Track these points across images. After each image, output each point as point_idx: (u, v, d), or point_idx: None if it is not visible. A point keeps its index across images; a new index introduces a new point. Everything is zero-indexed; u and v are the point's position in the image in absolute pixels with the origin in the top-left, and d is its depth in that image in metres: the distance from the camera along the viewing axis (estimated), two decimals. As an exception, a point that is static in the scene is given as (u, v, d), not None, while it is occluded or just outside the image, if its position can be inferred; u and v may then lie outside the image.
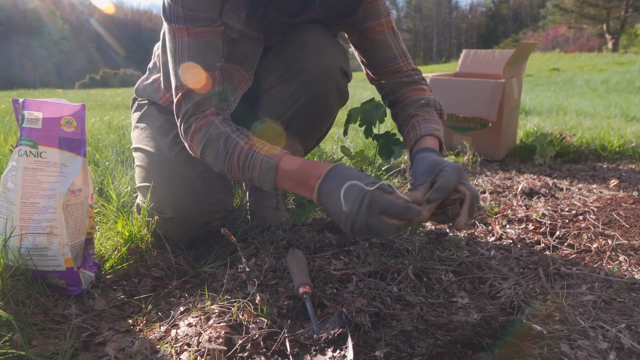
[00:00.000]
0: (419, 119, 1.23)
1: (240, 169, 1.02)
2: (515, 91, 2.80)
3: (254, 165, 1.00)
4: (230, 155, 1.03)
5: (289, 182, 0.98)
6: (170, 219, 1.26)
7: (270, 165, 0.98)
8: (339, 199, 0.85)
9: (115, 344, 0.90)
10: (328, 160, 2.13)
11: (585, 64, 20.10)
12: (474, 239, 1.40)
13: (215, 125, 1.06)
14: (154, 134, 1.38)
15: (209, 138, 1.05)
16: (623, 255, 1.19)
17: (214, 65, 1.11)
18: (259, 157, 1.00)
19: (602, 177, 2.35)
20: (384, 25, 1.28)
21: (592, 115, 5.38)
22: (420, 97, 1.28)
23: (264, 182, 1.00)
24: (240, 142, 1.02)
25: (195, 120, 1.08)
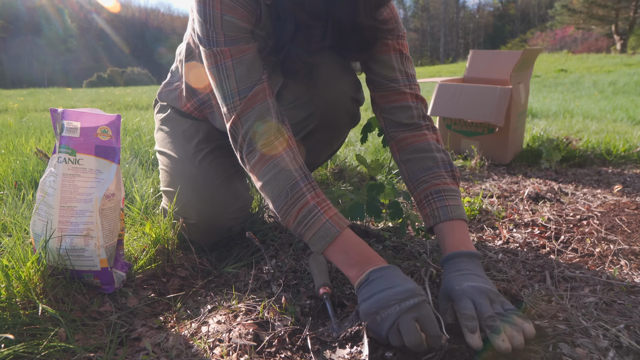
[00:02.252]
0: (432, 189, 1.17)
1: (296, 221, 1.01)
2: (522, 97, 2.86)
3: (313, 225, 0.99)
4: (292, 204, 1.01)
5: (341, 255, 0.98)
6: (195, 224, 1.33)
7: (330, 233, 0.98)
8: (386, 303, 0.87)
9: (150, 339, 0.97)
10: (341, 165, 2.20)
11: (593, 65, 20.04)
12: (482, 242, 1.46)
13: (286, 164, 1.03)
14: (178, 139, 1.45)
15: (276, 176, 1.03)
16: (624, 260, 1.25)
17: (261, 78, 1.09)
18: (322, 220, 0.99)
19: (607, 181, 2.41)
20: (390, 47, 1.24)
21: (598, 119, 5.42)
22: (423, 147, 1.22)
23: (314, 245, 1.00)
24: (307, 196, 1.01)
25: (262, 146, 1.04)
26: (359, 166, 2.23)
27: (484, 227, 1.60)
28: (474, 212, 1.68)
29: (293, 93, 1.31)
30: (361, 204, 1.35)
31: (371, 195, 1.38)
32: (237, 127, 1.08)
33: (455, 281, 0.97)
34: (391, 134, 1.28)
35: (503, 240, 1.46)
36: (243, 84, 1.07)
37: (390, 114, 1.26)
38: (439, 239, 1.13)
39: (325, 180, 2.08)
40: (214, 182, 1.34)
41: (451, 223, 1.11)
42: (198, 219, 1.32)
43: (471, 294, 0.92)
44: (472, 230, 1.58)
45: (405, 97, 1.24)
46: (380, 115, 1.30)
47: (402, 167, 1.26)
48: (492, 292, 0.94)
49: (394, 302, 0.86)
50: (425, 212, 1.17)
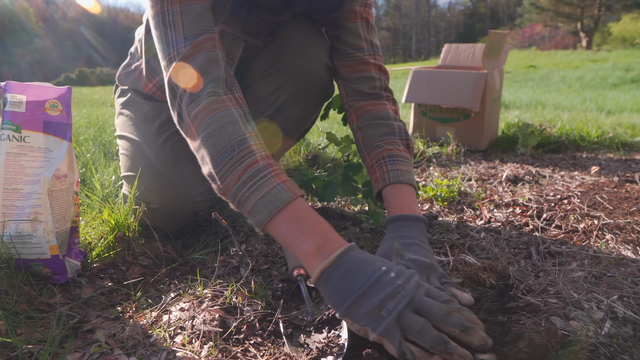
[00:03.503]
0: (384, 153, 1.11)
1: (238, 183, 0.81)
2: (497, 82, 2.83)
3: (261, 187, 0.79)
4: (237, 161, 0.82)
5: (292, 227, 0.77)
6: (157, 209, 1.23)
7: (281, 198, 0.78)
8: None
9: (105, 330, 0.88)
10: (315, 150, 2.12)
11: (561, 61, 20.50)
12: (463, 222, 1.40)
13: (234, 119, 0.86)
14: (139, 122, 1.35)
15: (221, 129, 0.84)
16: (609, 234, 1.21)
17: (212, 29, 0.95)
18: (272, 183, 0.79)
19: (583, 165, 2.39)
20: (357, 14, 1.20)
21: (569, 109, 5.48)
22: (381, 114, 1.18)
23: (258, 212, 0.78)
24: (256, 154, 0.82)
25: (208, 96, 0.88)
26: (333, 153, 2.16)
27: (464, 208, 1.54)
28: (453, 194, 1.62)
29: (261, 63, 1.24)
30: (335, 183, 1.28)
31: (347, 175, 1.30)
32: (175, 81, 0.91)
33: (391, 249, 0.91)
34: (350, 102, 1.23)
35: (484, 220, 1.41)
36: (190, 30, 0.92)
37: (353, 83, 1.22)
38: (386, 202, 1.05)
39: (298, 166, 2.00)
40: (178, 163, 1.25)
41: (400, 186, 1.05)
42: (161, 202, 1.22)
43: None
44: (452, 212, 1.52)
45: (369, 67, 1.21)
46: (341, 83, 1.24)
47: (358, 134, 1.20)
48: (432, 266, 0.87)
49: (399, 286, 0.70)
50: (375, 177, 1.11)
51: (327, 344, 0.78)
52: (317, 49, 1.22)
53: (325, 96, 1.33)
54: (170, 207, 1.23)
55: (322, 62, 1.23)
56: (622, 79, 15.23)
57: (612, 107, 5.66)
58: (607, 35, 32.36)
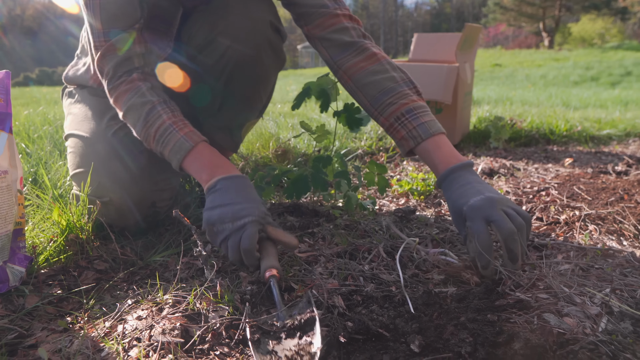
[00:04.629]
0: (401, 110, 1.07)
1: (154, 141, 1.02)
2: (468, 76, 2.81)
3: (168, 141, 1.01)
4: (150, 125, 1.02)
5: (194, 167, 1.00)
6: (110, 202, 1.12)
7: (183, 147, 1.00)
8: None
9: (49, 345, 0.77)
10: (284, 146, 2.03)
11: (525, 59, 20.99)
12: (441, 216, 1.35)
13: (142, 93, 1.04)
14: (88, 118, 1.26)
15: (134, 104, 1.04)
16: (592, 225, 1.17)
17: (132, 24, 1.06)
18: (176, 136, 1.00)
19: (555, 157, 2.39)
20: None
21: (536, 105, 5.55)
22: (376, 69, 1.12)
23: (172, 160, 1.01)
24: (163, 116, 1.02)
25: (122, 83, 1.05)
26: (304, 147, 2.08)
27: (440, 201, 1.49)
28: (429, 188, 1.57)
29: (206, 26, 1.16)
30: (305, 176, 1.20)
31: (317, 168, 1.23)
32: (102, 66, 1.08)
33: (461, 199, 0.92)
34: (338, 63, 1.16)
35: (463, 214, 1.35)
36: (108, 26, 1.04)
37: (330, 40, 1.16)
38: (426, 159, 1.05)
39: (267, 162, 1.91)
40: (129, 153, 1.16)
41: (434, 139, 1.04)
42: (114, 194, 1.12)
43: (483, 211, 0.87)
44: (429, 206, 1.46)
45: (339, 19, 1.16)
46: (320, 45, 1.18)
47: (360, 95, 1.15)
48: (501, 199, 0.90)
49: (229, 220, 0.89)
50: (400, 135, 1.07)
51: (297, 352, 0.70)
52: (260, 7, 1.16)
53: (277, 63, 1.25)
54: (123, 198, 1.13)
55: (267, 20, 1.15)
56: (582, 77, 15.70)
57: (577, 103, 5.77)
58: (568, 35, 33.34)
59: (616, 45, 24.76)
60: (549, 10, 28.23)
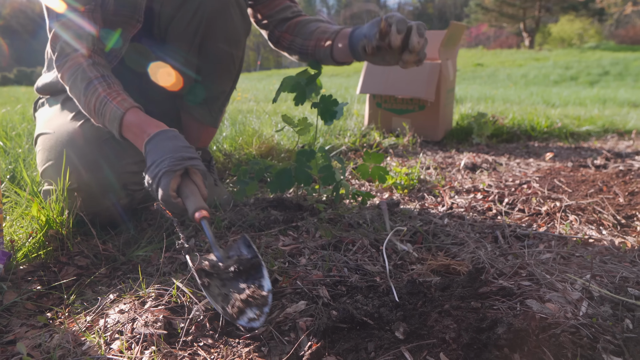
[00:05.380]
0: (323, 28, 1.28)
1: (95, 113, 1.07)
2: (450, 73, 2.83)
3: (105, 112, 1.05)
4: (89, 100, 1.07)
5: (130, 134, 1.04)
6: (78, 188, 1.10)
7: (116, 115, 1.04)
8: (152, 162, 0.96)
9: (29, 340, 0.76)
10: (268, 142, 2.02)
11: (506, 59, 21.25)
12: (425, 209, 1.35)
13: (82, 70, 1.09)
14: (54, 117, 1.27)
15: (74, 80, 1.09)
16: (573, 215, 1.19)
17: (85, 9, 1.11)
18: (110, 106, 1.05)
19: (537, 152, 2.42)
20: None
21: (517, 103, 5.63)
22: (311, 19, 1.33)
23: (112, 130, 1.06)
24: (99, 89, 1.07)
25: (67, 61, 1.10)
26: (287, 144, 2.07)
27: (424, 195, 1.50)
28: (412, 182, 1.58)
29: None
30: (288, 169, 1.20)
31: (300, 162, 1.22)
32: (53, 45, 1.13)
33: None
34: (280, 30, 1.35)
35: (447, 207, 1.36)
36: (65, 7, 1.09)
37: (275, 17, 1.35)
38: (336, 50, 1.21)
39: (251, 159, 1.90)
40: (99, 137, 1.15)
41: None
42: (81, 178, 1.10)
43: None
44: (412, 199, 1.47)
45: (284, 0, 1.36)
46: (267, 24, 1.37)
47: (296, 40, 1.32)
48: None
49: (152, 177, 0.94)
50: (324, 36, 1.25)
51: (251, 295, 0.79)
52: None
53: (244, 24, 1.31)
54: (93, 182, 1.11)
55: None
56: (562, 77, 15.97)
57: (557, 101, 5.87)
58: (548, 35, 33.87)
59: (594, 46, 25.22)
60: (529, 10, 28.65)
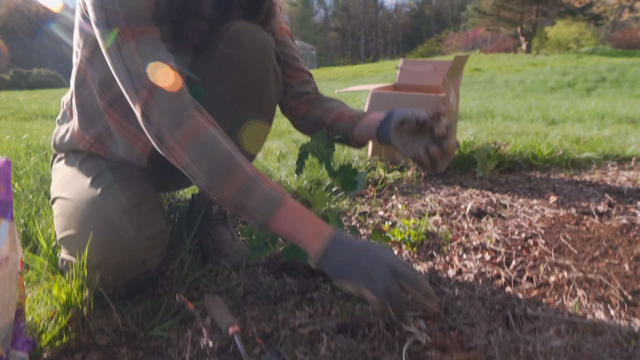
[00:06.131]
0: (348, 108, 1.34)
1: (236, 192, 0.97)
2: (454, 104, 2.86)
3: (256, 193, 0.97)
4: (230, 174, 0.97)
5: (291, 219, 0.96)
6: (98, 265, 1.12)
7: (275, 198, 0.97)
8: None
9: None
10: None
11: (504, 64, 21.33)
12: (435, 274, 1.38)
13: (217, 139, 1.00)
14: (74, 179, 1.27)
15: (209, 149, 0.98)
16: (581, 290, 1.22)
17: (171, 58, 1.06)
18: (264, 188, 0.97)
19: (539, 189, 2.45)
20: (284, 30, 1.39)
21: (517, 119, 5.68)
22: (333, 98, 1.39)
23: (258, 214, 0.97)
24: (244, 166, 0.99)
25: (184, 125, 0.99)
26: (293, 184, 2.10)
27: (433, 253, 1.52)
28: (421, 237, 1.60)
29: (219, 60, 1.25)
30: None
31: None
32: (150, 105, 1.00)
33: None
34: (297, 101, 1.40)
35: (456, 270, 1.39)
36: (150, 60, 1.02)
37: (296, 88, 1.39)
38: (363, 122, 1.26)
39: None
40: (118, 207, 1.16)
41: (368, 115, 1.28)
42: (101, 255, 1.11)
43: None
44: (421, 258, 1.50)
45: (305, 74, 1.42)
46: (285, 92, 1.40)
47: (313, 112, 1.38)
48: None
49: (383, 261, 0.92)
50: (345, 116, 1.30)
51: None
52: (264, 35, 1.26)
53: (278, 90, 1.35)
54: (112, 258, 1.12)
55: (272, 47, 1.27)
56: (559, 83, 16.06)
57: (556, 116, 5.91)
58: (545, 39, 34.03)
59: (591, 50, 25.36)
60: (526, 15, 28.77)
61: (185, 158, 0.99)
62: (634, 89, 14.07)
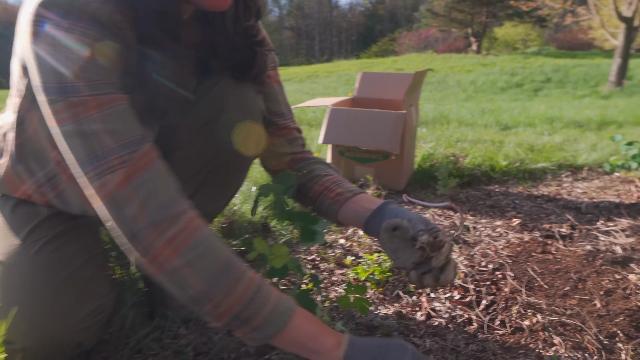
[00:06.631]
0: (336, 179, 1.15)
1: (243, 301, 0.80)
2: (414, 120, 2.80)
3: (268, 301, 0.82)
4: (236, 280, 0.81)
5: (309, 326, 0.85)
6: (25, 349, 0.95)
7: (287, 306, 0.84)
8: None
9: None
10: (230, 216, 1.90)
11: (455, 64, 21.83)
12: (402, 318, 1.29)
13: (215, 238, 0.84)
14: (4, 232, 1.06)
15: (206, 253, 0.80)
16: (556, 337, 1.15)
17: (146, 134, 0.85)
18: (274, 295, 0.84)
19: (500, 206, 2.42)
20: (272, 78, 1.19)
21: (471, 125, 5.74)
22: (320, 159, 1.23)
23: (270, 324, 0.81)
24: (246, 271, 0.83)
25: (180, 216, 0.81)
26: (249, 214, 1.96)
27: (399, 294, 1.43)
28: (386, 275, 1.51)
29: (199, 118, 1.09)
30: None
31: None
32: (124, 194, 0.79)
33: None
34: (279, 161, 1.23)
35: (425, 314, 1.30)
36: (123, 138, 0.81)
37: (280, 148, 1.21)
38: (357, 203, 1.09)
39: (214, 236, 1.77)
40: (53, 281, 0.97)
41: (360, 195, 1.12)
42: (29, 339, 0.93)
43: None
44: (387, 299, 1.40)
45: (292, 131, 1.23)
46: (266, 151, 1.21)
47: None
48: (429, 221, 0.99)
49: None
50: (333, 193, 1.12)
51: None
52: (253, 98, 1.12)
53: (258, 152, 1.21)
54: (42, 344, 0.94)
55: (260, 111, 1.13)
56: (508, 83, 16.60)
57: (509, 121, 6.02)
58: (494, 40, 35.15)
59: (537, 51, 26.38)
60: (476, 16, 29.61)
61: (175, 262, 0.79)
62: (577, 90, 14.70)
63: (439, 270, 0.93)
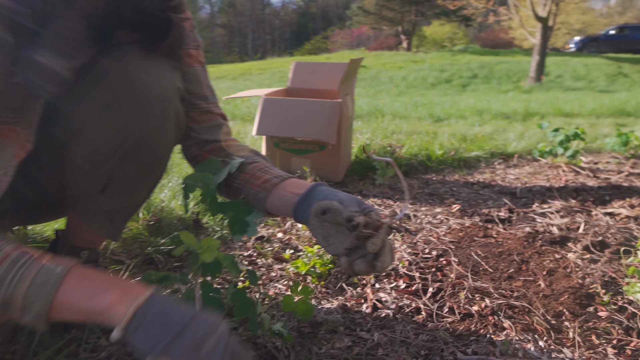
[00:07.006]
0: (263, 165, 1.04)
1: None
2: (350, 109, 2.74)
3: (25, 275, 0.67)
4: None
5: (83, 288, 0.69)
6: None
7: (52, 273, 0.68)
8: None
9: None
10: (157, 213, 1.74)
11: (387, 61, 22.27)
12: (348, 312, 1.20)
13: None
14: None
15: None
16: (506, 321, 1.11)
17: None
18: (37, 265, 0.69)
19: (438, 194, 2.42)
20: (194, 58, 1.07)
21: (406, 117, 5.81)
22: (245, 146, 1.13)
23: (33, 301, 0.67)
24: (5, 248, 0.69)
25: None
26: (180, 211, 1.81)
27: (343, 286, 1.35)
28: (328, 267, 1.42)
29: (105, 94, 0.91)
30: (191, 300, 0.96)
31: (207, 287, 1.00)
32: None
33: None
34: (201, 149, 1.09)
35: (370, 306, 1.22)
36: None
37: (203, 134, 1.09)
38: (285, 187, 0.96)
39: (138, 236, 1.61)
40: None
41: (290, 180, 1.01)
42: None
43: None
44: (330, 293, 1.31)
45: (216, 116, 1.11)
46: (187, 137, 1.08)
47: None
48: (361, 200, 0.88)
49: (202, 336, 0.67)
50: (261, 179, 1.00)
51: None
52: (168, 69, 0.96)
53: (179, 135, 1.06)
54: None
55: (177, 87, 0.97)
56: (438, 79, 17.18)
57: (441, 113, 6.17)
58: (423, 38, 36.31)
59: (463, 49, 27.49)
60: (406, 14, 30.39)
61: None
62: (501, 85, 15.48)
63: (373, 255, 0.81)
